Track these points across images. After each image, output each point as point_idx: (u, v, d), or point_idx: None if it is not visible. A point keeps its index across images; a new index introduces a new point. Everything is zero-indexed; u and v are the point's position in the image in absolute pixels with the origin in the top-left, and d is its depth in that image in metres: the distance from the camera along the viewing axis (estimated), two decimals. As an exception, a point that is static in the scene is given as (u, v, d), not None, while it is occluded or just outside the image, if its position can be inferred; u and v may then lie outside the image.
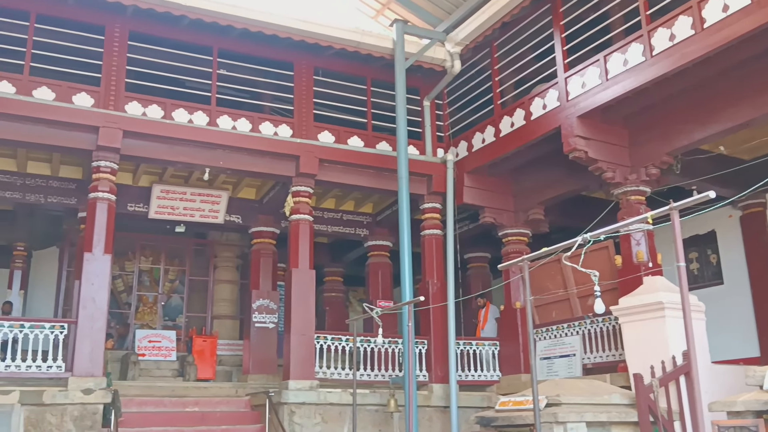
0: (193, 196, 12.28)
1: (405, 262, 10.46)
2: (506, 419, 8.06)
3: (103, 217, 9.71)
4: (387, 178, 11.29)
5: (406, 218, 10.63)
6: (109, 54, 10.06)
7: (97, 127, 9.68)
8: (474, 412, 9.71)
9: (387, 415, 10.46)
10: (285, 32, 10.57)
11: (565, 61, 9.85)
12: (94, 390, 8.95)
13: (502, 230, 11.85)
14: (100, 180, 9.82)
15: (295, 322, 10.46)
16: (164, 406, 10.46)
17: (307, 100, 11.19)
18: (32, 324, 9.24)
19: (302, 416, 10.02)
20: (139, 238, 14.68)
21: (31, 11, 9.74)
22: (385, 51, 11.17)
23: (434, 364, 11.12)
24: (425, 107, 11.97)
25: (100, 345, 9.31)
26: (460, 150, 11.81)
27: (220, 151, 10.54)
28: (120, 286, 14.74)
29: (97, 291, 9.43)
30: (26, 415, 8.62)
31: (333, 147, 11.16)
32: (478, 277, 14.85)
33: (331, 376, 10.61)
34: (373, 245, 14.04)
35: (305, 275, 10.76)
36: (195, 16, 10.06)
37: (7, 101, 9.30)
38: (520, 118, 10.51)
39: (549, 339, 10.58)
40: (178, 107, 10.34)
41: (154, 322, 14.64)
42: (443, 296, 11.21)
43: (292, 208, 11.00)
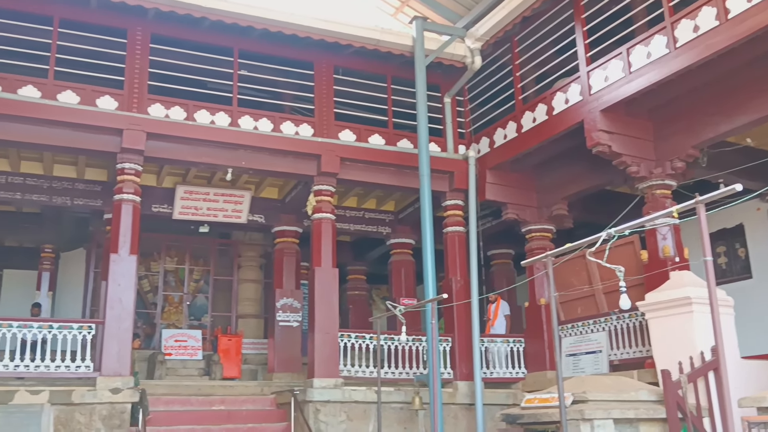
0: (216, 197, 12.37)
1: (428, 260, 10.44)
2: (532, 416, 8.01)
3: (128, 219, 9.82)
4: (408, 175, 11.27)
5: (429, 215, 10.60)
6: (132, 57, 10.16)
7: (121, 129, 9.79)
8: (499, 410, 9.66)
9: (412, 412, 10.45)
10: (304, 32, 10.59)
11: (587, 54, 9.75)
12: (122, 389, 9.06)
13: (526, 226, 11.78)
14: (124, 182, 9.93)
15: (319, 321, 10.48)
16: (191, 404, 10.56)
17: (327, 99, 11.21)
18: (61, 324, 9.38)
19: (327, 414, 10.05)
20: (164, 238, 14.82)
21: (55, 16, 9.86)
22: (404, 48, 11.15)
23: (459, 361, 11.09)
24: (446, 104, 11.92)
25: (127, 345, 9.41)
26: (481, 146, 11.75)
27: (242, 151, 10.60)
28: (146, 286, 14.90)
29: (124, 291, 9.54)
30: (56, 415, 8.74)
31: (354, 145, 11.17)
32: (501, 273, 14.77)
33: (356, 374, 10.63)
34: (395, 243, 14.04)
35: (328, 274, 10.78)
36: (215, 18, 10.12)
37: (33, 105, 9.43)
38: (542, 113, 10.43)
39: (574, 335, 10.50)
40: (201, 108, 10.41)
41: (180, 322, 14.78)
42: (467, 293, 11.16)
43: (315, 207, 11.02)
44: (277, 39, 10.65)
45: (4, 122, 9.37)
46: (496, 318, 12.55)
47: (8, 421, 8.47)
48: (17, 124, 9.42)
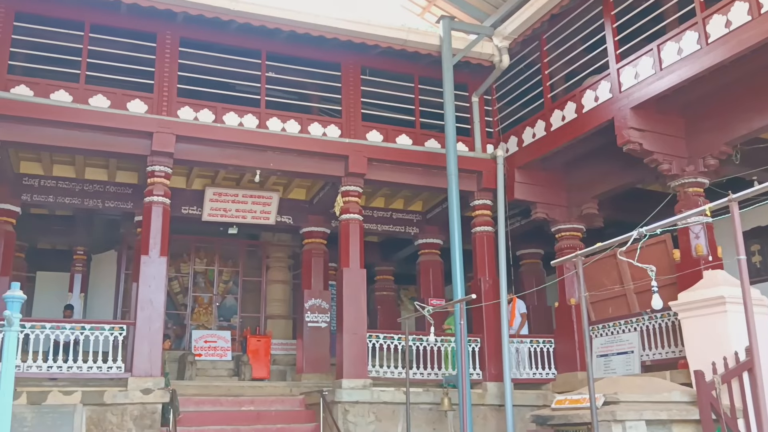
0: (244, 198, 12.46)
1: (456, 260, 10.39)
2: (563, 418, 7.93)
3: (158, 221, 9.93)
4: (436, 175, 11.24)
5: (457, 215, 10.55)
6: (161, 60, 10.27)
7: (151, 132, 9.90)
8: (529, 411, 9.58)
9: (441, 413, 10.41)
10: (331, 33, 10.61)
11: (616, 51, 9.63)
12: (153, 390, 9.16)
13: (555, 226, 11.67)
14: (154, 184, 10.05)
15: (347, 321, 10.49)
16: (221, 405, 10.64)
17: (354, 99, 11.22)
18: (92, 326, 9.51)
19: (356, 415, 10.05)
20: (193, 240, 14.97)
21: (86, 21, 10.00)
22: (431, 48, 11.11)
23: (488, 362, 11.02)
24: (474, 103, 11.86)
25: (158, 345, 9.52)
26: (510, 145, 11.67)
27: (270, 152, 10.66)
28: (176, 287, 15.05)
29: (154, 293, 9.65)
30: (88, 415, 8.87)
31: (381, 146, 11.16)
32: (530, 273, 14.65)
33: (384, 375, 10.62)
34: (423, 243, 14.01)
35: (356, 274, 10.79)
36: (243, 21, 10.18)
37: (65, 110, 9.58)
38: (572, 111, 10.32)
39: (606, 336, 10.37)
40: (229, 111, 10.49)
41: (210, 323, 14.90)
42: (495, 294, 11.09)
43: (342, 207, 11.04)
44: (304, 40, 10.69)
45: (38, 126, 9.54)
46: (513, 318, 12.43)
47: (42, 421, 8.61)
48: (50, 128, 9.58)
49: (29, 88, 9.54)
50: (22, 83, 9.55)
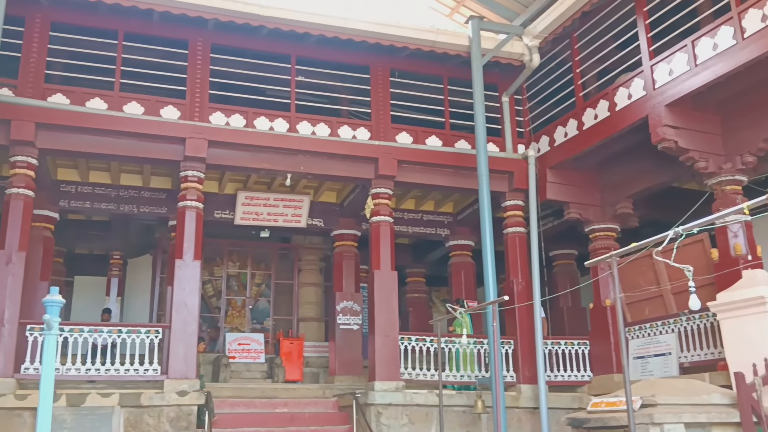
0: (276, 202, 12.55)
1: (488, 261, 10.33)
2: (599, 421, 7.82)
3: (192, 225, 10.05)
4: (467, 176, 11.18)
5: (488, 216, 10.49)
6: (193, 67, 10.39)
7: (184, 138, 10.03)
8: (564, 414, 9.49)
9: (475, 416, 10.35)
10: (360, 36, 10.63)
11: (650, 48, 9.49)
12: (189, 392, 9.27)
13: (589, 226, 11.53)
14: (188, 189, 10.17)
15: (379, 324, 10.50)
16: (255, 407, 10.72)
17: (384, 102, 11.23)
18: (129, 329, 9.67)
19: (389, 417, 10.05)
20: (226, 243, 15.11)
21: (120, 30, 10.17)
22: (461, 48, 11.07)
23: (521, 364, 10.93)
24: (504, 103, 11.78)
25: (192, 348, 9.63)
26: (541, 145, 11.56)
27: (300, 156, 10.72)
28: (210, 290, 15.21)
29: (189, 296, 9.76)
30: (126, 417, 9.01)
31: (411, 148, 11.15)
32: (564, 274, 14.49)
33: (417, 377, 10.60)
34: (454, 245, 13.95)
35: (387, 277, 10.79)
36: (273, 26, 10.26)
37: (101, 117, 9.76)
38: (604, 109, 10.19)
39: (642, 337, 10.21)
40: (260, 115, 10.58)
41: (243, 326, 15.03)
42: (528, 295, 11.00)
43: (373, 210, 11.05)
44: (333, 44, 10.74)
45: (74, 134, 9.72)
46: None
47: (81, 422, 8.77)
48: (86, 135, 9.77)
49: (66, 97, 9.74)
50: (58, 92, 9.76)
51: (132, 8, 9.65)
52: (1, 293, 8.98)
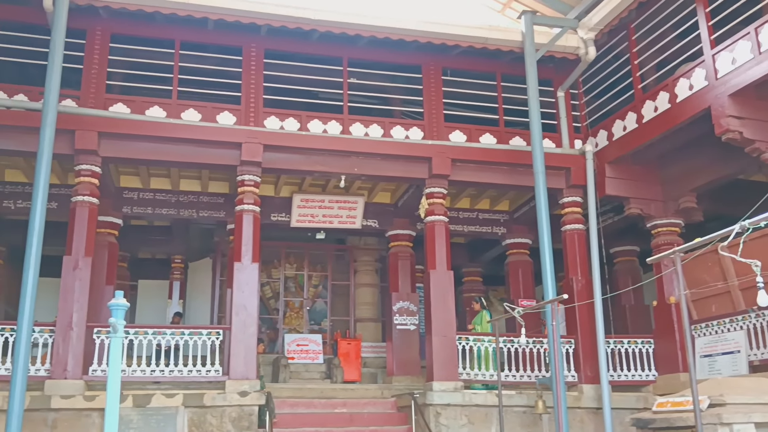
0: (330, 204, 12.64)
1: (546, 260, 10.16)
2: (665, 421, 7.60)
3: (249, 228, 10.20)
4: (522, 173, 11.04)
5: (545, 214, 10.32)
6: (248, 73, 10.55)
7: (240, 143, 10.19)
8: (629, 414, 9.27)
9: (535, 416, 10.20)
10: (411, 36, 10.61)
11: (711, 37, 9.18)
12: (249, 392, 9.41)
13: (651, 221, 11.23)
14: (245, 193, 10.33)
15: (436, 324, 10.45)
16: (314, 407, 10.81)
17: (436, 101, 11.18)
18: (191, 331, 9.89)
19: (448, 417, 9.99)
20: (283, 246, 15.31)
21: (176, 39, 10.41)
22: (514, 44, 10.93)
23: (583, 363, 10.73)
24: (559, 98, 11.59)
25: (252, 349, 9.77)
26: (599, 140, 11.33)
27: (354, 158, 10.77)
28: (268, 292, 15.43)
29: (248, 298, 9.91)
30: (189, 417, 9.21)
31: (465, 146, 11.07)
32: (626, 272, 14.17)
33: (475, 377, 10.52)
34: (511, 243, 13.79)
35: (443, 276, 10.74)
36: (324, 29, 10.33)
37: (160, 125, 10.00)
38: (665, 101, 9.91)
39: (709, 335, 9.89)
40: (313, 118, 10.67)
41: (301, 327, 15.19)
42: (589, 293, 10.78)
43: (427, 209, 11.02)
44: (384, 45, 10.75)
45: (135, 142, 10.00)
46: None
47: (147, 422, 9.00)
48: (146, 143, 10.03)
49: (126, 106, 10.02)
50: (119, 101, 10.04)
51: (188, 17, 9.86)
52: (69, 298, 9.31)
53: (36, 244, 8.52)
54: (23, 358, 8.21)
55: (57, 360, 9.06)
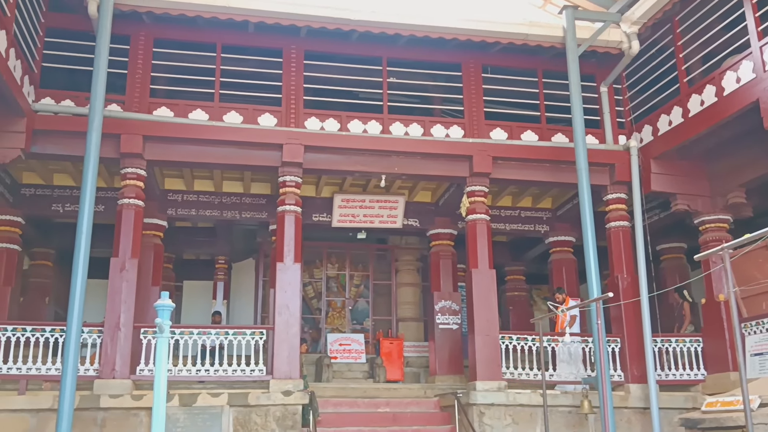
0: (371, 203, 12.65)
1: (590, 257, 10.02)
2: (714, 421, 7.43)
3: (291, 229, 10.29)
4: (565, 170, 10.90)
5: (589, 211, 10.18)
6: (288, 74, 10.64)
7: (281, 144, 10.28)
8: (677, 414, 9.09)
9: (581, 416, 10.06)
10: (450, 33, 10.56)
11: (758, 28, 8.93)
12: (293, 392, 9.49)
13: (698, 218, 10.98)
14: (286, 194, 10.42)
15: (478, 323, 10.39)
16: (358, 406, 10.85)
17: (476, 98, 11.11)
18: (235, 331, 10.02)
19: (492, 417, 9.93)
20: (325, 246, 15.39)
21: (218, 43, 10.55)
22: (555, 40, 10.80)
23: (629, 363, 10.54)
24: (602, 93, 11.40)
25: (295, 349, 9.85)
26: (644, 135, 11.11)
27: (394, 157, 10.77)
28: (310, 292, 15.52)
29: (290, 298, 10.00)
30: (234, 416, 9.32)
31: (506, 144, 10.98)
32: (673, 269, 13.85)
33: (519, 377, 10.42)
34: (554, 241, 13.63)
35: (485, 275, 10.66)
36: (363, 29, 10.35)
37: (202, 128, 10.15)
38: (711, 94, 9.68)
39: (760, 333, 9.62)
40: (353, 119, 10.70)
41: (344, 326, 15.25)
42: (635, 291, 10.59)
43: (468, 208, 10.95)
44: (423, 44, 10.72)
45: (178, 145, 10.17)
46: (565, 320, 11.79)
47: (193, 421, 9.15)
48: (189, 145, 10.20)
49: (169, 110, 10.20)
50: (163, 105, 10.23)
51: (228, 21, 9.98)
52: (116, 299, 9.51)
53: (84, 247, 8.73)
54: (73, 358, 8.43)
55: (105, 360, 9.26)
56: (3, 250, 11.59)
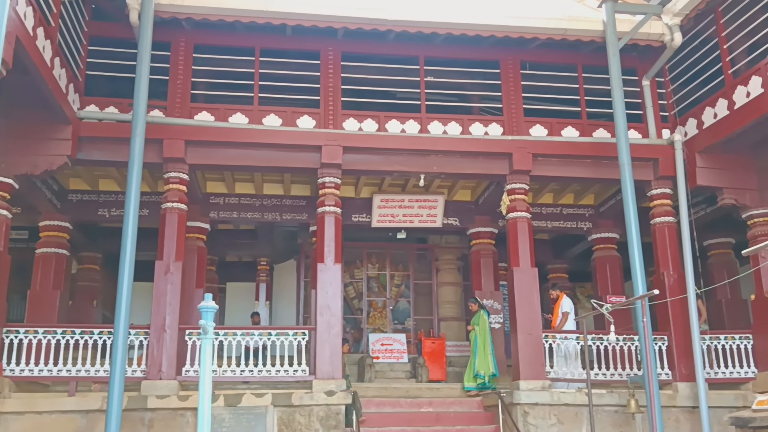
0: (410, 203, 12.64)
1: (635, 254, 9.84)
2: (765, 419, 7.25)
3: (331, 230, 10.34)
4: (607, 166, 10.74)
5: (632, 207, 10.00)
6: (326, 76, 10.69)
7: (320, 146, 10.33)
8: (727, 413, 8.91)
9: (628, 416, 9.90)
10: (488, 30, 10.48)
11: (807, 15, 8.67)
12: (336, 392, 9.53)
13: (746, 212, 10.69)
14: (326, 195, 10.47)
15: (521, 322, 10.30)
16: (400, 406, 10.85)
17: (515, 95, 11.01)
18: (278, 332, 10.11)
19: (536, 417, 9.83)
20: (365, 246, 15.42)
21: (256, 47, 10.66)
22: (594, 34, 10.63)
23: (677, 361, 10.33)
24: (644, 87, 11.18)
25: (338, 349, 9.90)
26: (688, 128, 10.87)
27: (432, 156, 10.74)
28: (351, 292, 15.58)
29: (332, 299, 10.05)
30: (278, 416, 9.41)
31: (546, 140, 10.86)
32: (720, 265, 13.55)
33: (563, 376, 10.29)
34: (597, 238, 13.43)
35: (527, 274, 10.56)
36: (400, 29, 10.34)
37: (242, 131, 10.27)
38: (757, 85, 9.41)
39: (814, 331, 9.33)
40: (391, 119, 10.70)
41: (385, 326, 15.26)
42: (681, 288, 10.37)
43: (509, 206, 10.86)
44: (460, 41, 10.67)
45: (219, 148, 10.30)
46: (557, 316, 11.60)
47: (238, 421, 9.26)
48: (230, 149, 10.32)
49: (210, 114, 10.34)
50: (203, 110, 10.37)
51: (266, 25, 10.07)
52: (161, 301, 9.68)
53: (129, 250, 8.90)
54: (120, 359, 8.60)
55: (152, 361, 9.43)
56: (52, 255, 11.89)
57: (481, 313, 11.86)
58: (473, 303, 12.15)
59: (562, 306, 11.70)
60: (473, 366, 11.57)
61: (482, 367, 11.30)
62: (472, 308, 12.15)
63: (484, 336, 11.62)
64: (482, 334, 11.63)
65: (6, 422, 8.78)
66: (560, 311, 11.65)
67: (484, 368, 11.29)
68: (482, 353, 11.40)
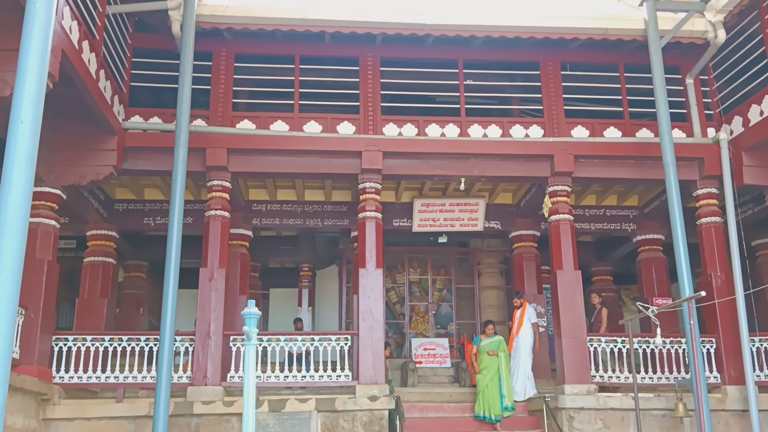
0: (451, 207, 12.61)
1: (681, 255, 9.64)
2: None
3: (372, 235, 10.37)
4: (651, 166, 10.55)
5: (678, 208, 9.80)
6: (365, 82, 10.75)
7: (360, 151, 10.39)
8: (780, 418, 8.63)
9: (675, 420, 9.70)
10: (527, 32, 10.40)
11: None
12: (379, 397, 9.54)
13: (796, 211, 10.41)
14: (366, 200, 10.52)
15: (565, 325, 10.18)
16: (443, 411, 10.81)
17: (556, 97, 10.91)
18: (321, 337, 10.16)
19: (582, 421, 9.69)
20: (406, 251, 15.43)
21: (296, 55, 10.77)
22: (636, 33, 10.47)
23: (726, 364, 10.09)
24: (688, 85, 10.97)
25: (380, 354, 9.91)
26: (734, 126, 10.62)
27: (473, 159, 10.70)
28: (393, 297, 15.59)
29: (374, 303, 10.07)
30: (322, 421, 9.46)
31: (588, 141, 10.73)
32: (770, 265, 13.19)
33: (609, 380, 10.14)
34: (642, 240, 13.19)
35: (570, 276, 10.43)
36: (438, 33, 10.33)
37: (283, 138, 10.39)
38: (806, 81, 9.16)
39: None
40: (430, 123, 10.70)
41: (428, 331, 15.23)
42: (729, 289, 10.13)
43: (551, 208, 10.76)
44: (499, 44, 10.62)
45: (261, 156, 10.44)
46: (521, 325, 11.28)
47: (283, 426, 9.33)
48: (271, 156, 10.45)
49: (251, 122, 10.48)
50: (245, 118, 10.52)
51: (306, 32, 10.17)
52: (206, 308, 9.82)
53: (174, 258, 9.06)
54: (167, 366, 8.76)
55: (197, 367, 9.57)
56: (99, 264, 12.16)
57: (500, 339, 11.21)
58: (518, 298, 11.87)
59: (528, 316, 11.52)
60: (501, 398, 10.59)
61: (509, 399, 10.68)
62: (515, 303, 11.89)
63: (508, 362, 11.03)
64: (506, 361, 10.98)
65: (56, 428, 9.00)
66: (527, 320, 11.45)
67: (510, 399, 10.84)
68: (507, 383, 10.72)
